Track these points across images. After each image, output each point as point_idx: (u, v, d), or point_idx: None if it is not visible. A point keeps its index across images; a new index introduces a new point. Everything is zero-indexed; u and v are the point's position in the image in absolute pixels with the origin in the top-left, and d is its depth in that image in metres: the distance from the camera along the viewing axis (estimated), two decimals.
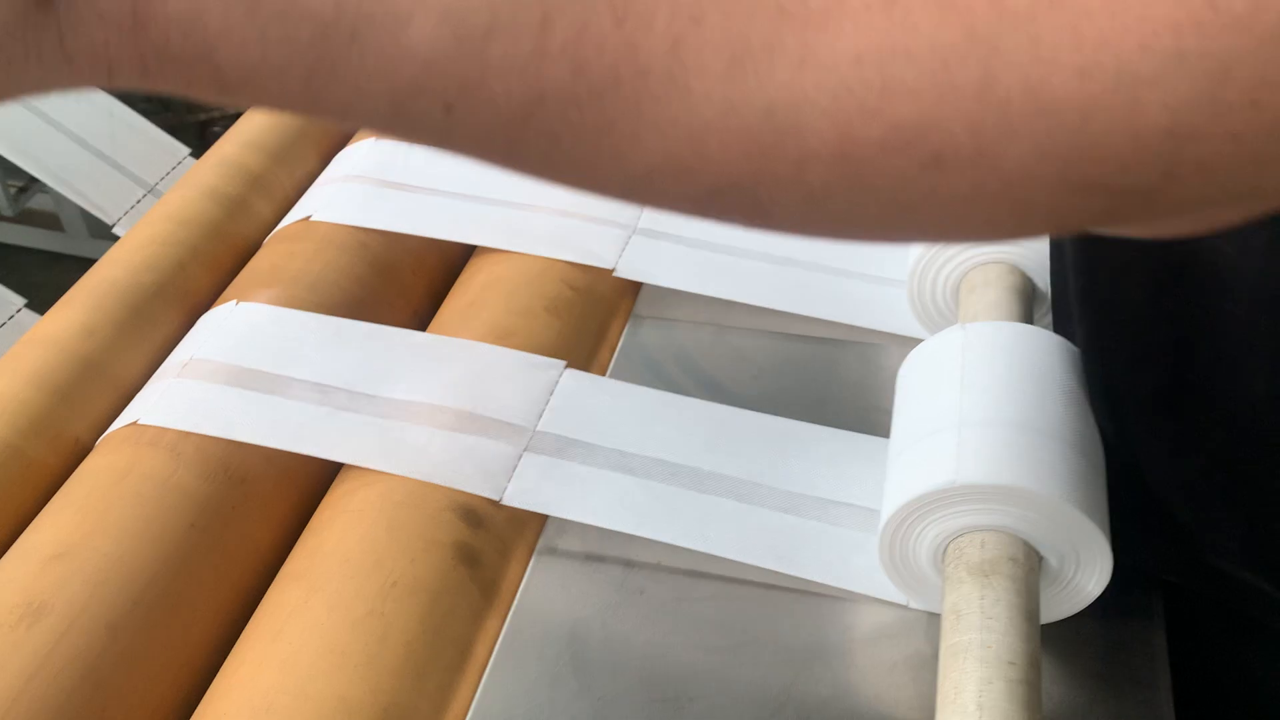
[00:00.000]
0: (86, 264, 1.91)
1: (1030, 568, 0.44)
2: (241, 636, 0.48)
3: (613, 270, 0.64)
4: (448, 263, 0.69)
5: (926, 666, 0.47)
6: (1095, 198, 0.21)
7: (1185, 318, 0.44)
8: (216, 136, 1.67)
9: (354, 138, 0.76)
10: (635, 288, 0.66)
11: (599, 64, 0.21)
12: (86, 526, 0.51)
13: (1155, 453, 0.47)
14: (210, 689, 0.47)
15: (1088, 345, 0.50)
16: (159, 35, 0.22)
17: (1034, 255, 0.57)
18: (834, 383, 0.60)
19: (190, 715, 0.46)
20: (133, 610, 0.48)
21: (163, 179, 0.78)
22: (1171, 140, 0.20)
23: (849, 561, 0.50)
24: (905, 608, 0.49)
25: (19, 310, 0.68)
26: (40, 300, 0.71)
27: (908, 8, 0.20)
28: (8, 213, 1.61)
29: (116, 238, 0.75)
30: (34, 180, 1.01)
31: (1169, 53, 0.19)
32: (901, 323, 0.62)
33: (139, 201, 0.76)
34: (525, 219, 0.67)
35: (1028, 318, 0.56)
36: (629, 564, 0.51)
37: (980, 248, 0.58)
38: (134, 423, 0.56)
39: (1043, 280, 0.58)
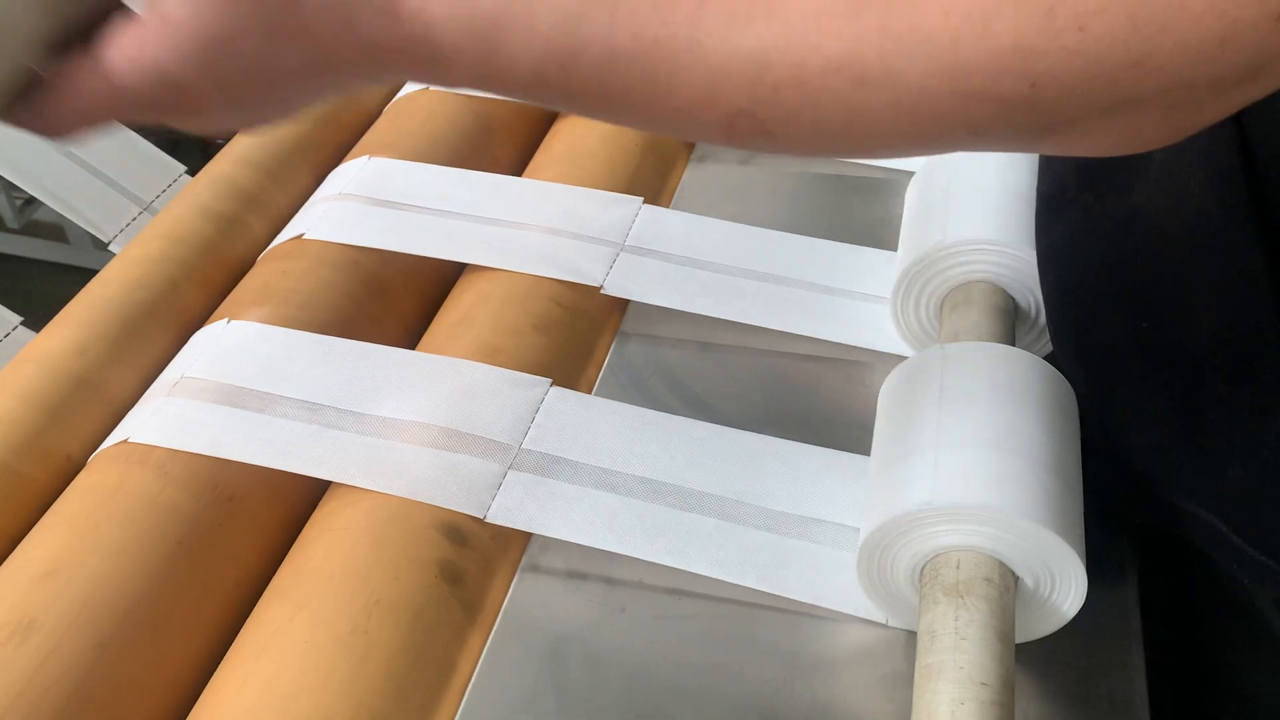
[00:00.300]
0: (90, 275, 1.92)
1: (1005, 588, 0.44)
2: (227, 654, 0.49)
3: (600, 288, 0.65)
4: (439, 280, 0.69)
5: (904, 685, 0.47)
6: (985, 104, 0.30)
7: (1135, 266, 0.48)
8: (218, 149, 1.67)
9: (347, 156, 0.76)
10: (623, 305, 0.66)
11: (647, 33, 0.33)
12: (76, 544, 0.52)
13: (1120, 397, 0.50)
14: (196, 706, 0.47)
15: (1057, 298, 0.53)
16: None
17: (1019, 274, 0.58)
18: (818, 400, 0.60)
19: None
20: (120, 628, 0.49)
21: (158, 196, 0.79)
22: (1020, 55, 0.29)
23: (830, 580, 0.51)
24: (885, 626, 0.50)
25: (15, 328, 0.69)
26: (46, 311, 0.72)
27: None
28: (13, 224, 1.63)
29: (114, 252, 0.76)
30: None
31: None
32: (886, 340, 0.62)
33: (134, 219, 0.77)
34: (515, 237, 0.68)
35: (1009, 338, 0.56)
36: (611, 581, 0.52)
37: (964, 266, 0.58)
38: (124, 440, 0.56)
39: (1025, 300, 0.58)
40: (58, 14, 0.39)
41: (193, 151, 1.71)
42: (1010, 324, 0.57)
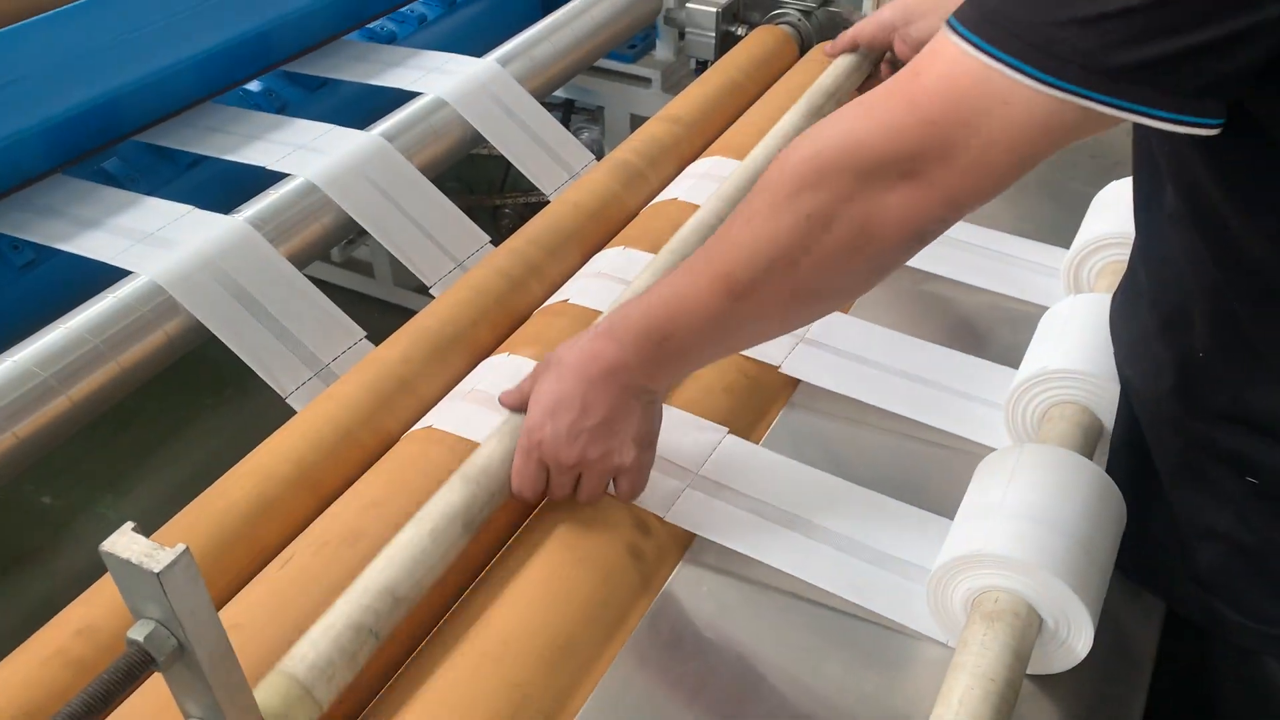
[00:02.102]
0: (387, 305, 2.26)
1: (1029, 623, 0.60)
2: (483, 576, 0.71)
3: (779, 367, 0.85)
4: None
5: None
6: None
7: (1139, 239, 0.67)
8: (505, 216, 1.98)
9: (608, 244, 1.00)
10: (795, 383, 0.86)
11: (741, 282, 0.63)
12: (390, 488, 0.76)
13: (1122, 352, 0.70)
14: (459, 604, 0.70)
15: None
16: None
17: (1107, 399, 0.73)
18: (930, 476, 0.78)
19: (442, 620, 0.69)
20: None
21: (470, 257, 1.05)
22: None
23: (908, 604, 0.68)
24: (941, 645, 0.66)
25: (359, 340, 0.96)
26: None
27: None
28: (337, 260, 1.99)
29: (419, 287, 1.02)
30: (361, 234, 1.27)
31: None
32: (997, 438, 0.79)
33: (450, 272, 1.03)
34: None
35: (1086, 449, 0.71)
36: (747, 580, 0.71)
37: (1060, 390, 0.74)
38: (429, 427, 0.81)
39: (1110, 421, 0.73)
40: None
41: (485, 215, 2.04)
42: (1093, 440, 0.73)
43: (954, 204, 0.56)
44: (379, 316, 2.16)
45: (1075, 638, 0.61)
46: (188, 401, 1.99)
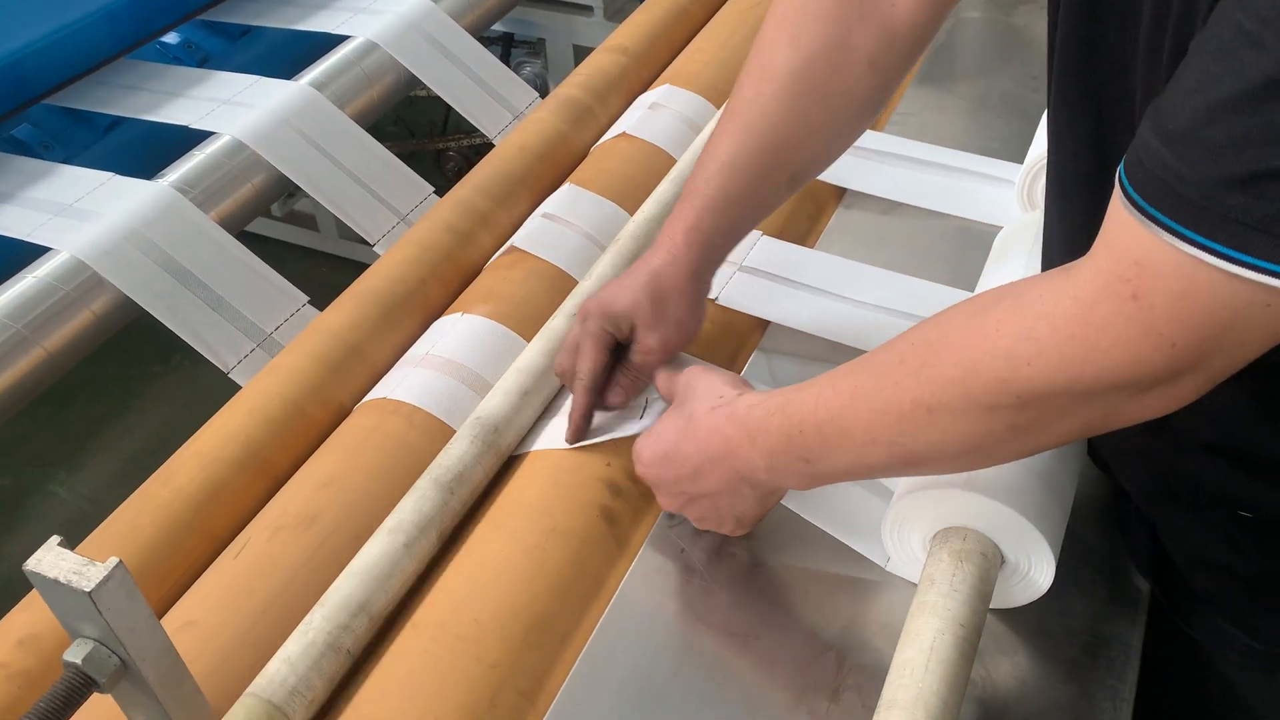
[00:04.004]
0: (334, 259, 2.21)
1: (994, 564, 0.58)
2: (444, 553, 0.68)
3: (715, 299, 0.81)
4: None
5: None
6: (993, 413, 0.50)
7: None
8: (450, 160, 1.92)
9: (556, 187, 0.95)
10: (764, 325, 0.82)
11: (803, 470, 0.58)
12: (345, 466, 0.72)
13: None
14: (423, 586, 0.66)
15: None
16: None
17: None
18: None
19: (409, 603, 0.65)
20: (374, 524, 0.68)
21: (413, 210, 1.00)
22: (1000, 383, 0.48)
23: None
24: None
25: (303, 306, 0.91)
26: (298, 285, 0.92)
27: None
28: (278, 214, 1.92)
29: (360, 240, 0.97)
30: (299, 188, 1.22)
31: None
32: None
33: (394, 227, 0.98)
34: None
35: None
36: (724, 536, 0.68)
37: None
38: (383, 397, 0.76)
39: None
40: None
41: (428, 160, 1.97)
42: None
43: (1201, 393, 0.47)
44: (326, 271, 2.12)
45: (1037, 573, 0.59)
46: (135, 371, 1.93)
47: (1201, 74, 0.39)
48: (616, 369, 0.72)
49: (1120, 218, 0.43)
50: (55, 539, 0.46)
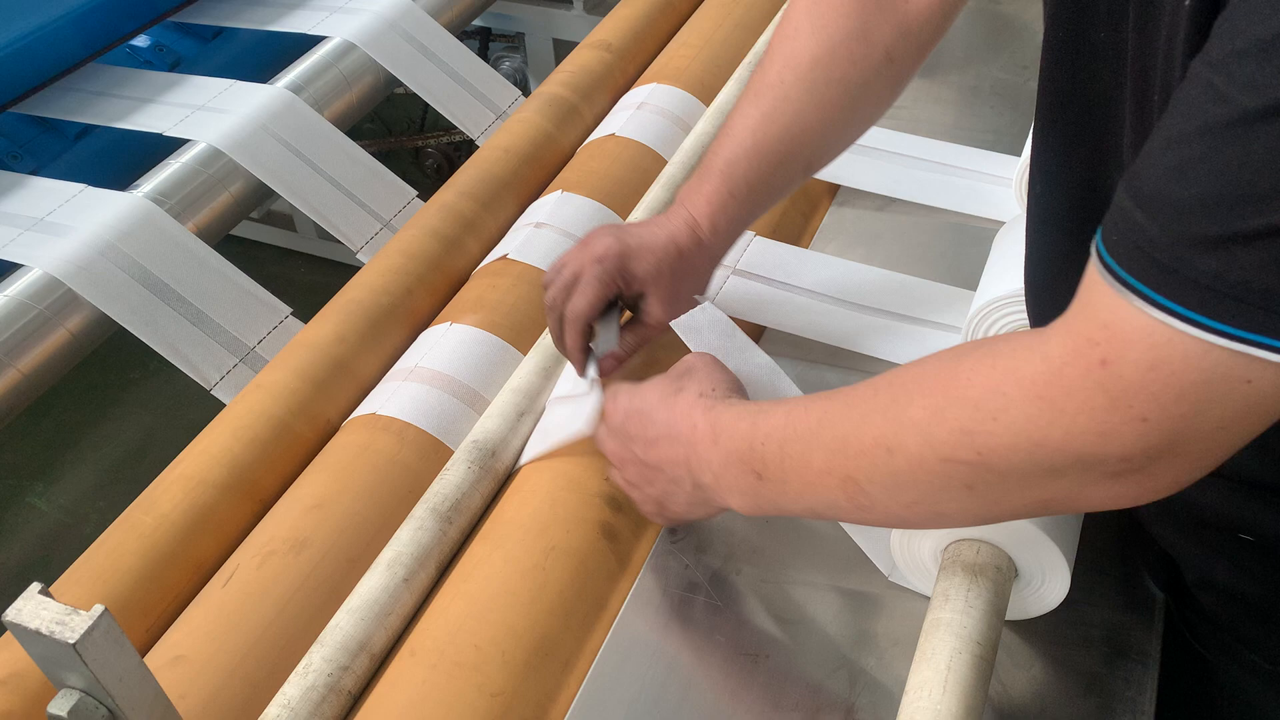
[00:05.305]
0: (313, 260, 2.18)
1: (1008, 577, 0.57)
2: (442, 576, 0.66)
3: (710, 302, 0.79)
4: None
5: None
6: (953, 466, 0.46)
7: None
8: (429, 157, 1.89)
9: (545, 190, 0.93)
10: (760, 330, 0.81)
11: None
12: (335, 486, 0.70)
13: None
14: (420, 611, 0.64)
15: None
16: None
17: None
18: None
19: (406, 629, 0.63)
20: (367, 549, 0.66)
21: (396, 215, 0.97)
22: (964, 434, 0.45)
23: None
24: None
25: (286, 317, 0.88)
26: (273, 289, 0.90)
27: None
28: (254, 215, 1.89)
29: (337, 240, 0.95)
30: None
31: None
32: None
33: (377, 234, 0.96)
34: None
35: None
36: (731, 548, 0.66)
37: (1019, 314, 0.70)
38: (372, 413, 0.74)
39: None
40: None
41: (406, 157, 1.94)
42: None
43: (1179, 484, 0.44)
44: (305, 272, 2.08)
45: (1051, 584, 0.58)
46: (112, 378, 1.89)
47: (1171, 132, 0.37)
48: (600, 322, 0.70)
49: (1093, 278, 0.41)
50: (36, 586, 0.44)
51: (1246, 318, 0.36)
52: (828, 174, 0.92)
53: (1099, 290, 0.40)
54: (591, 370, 0.70)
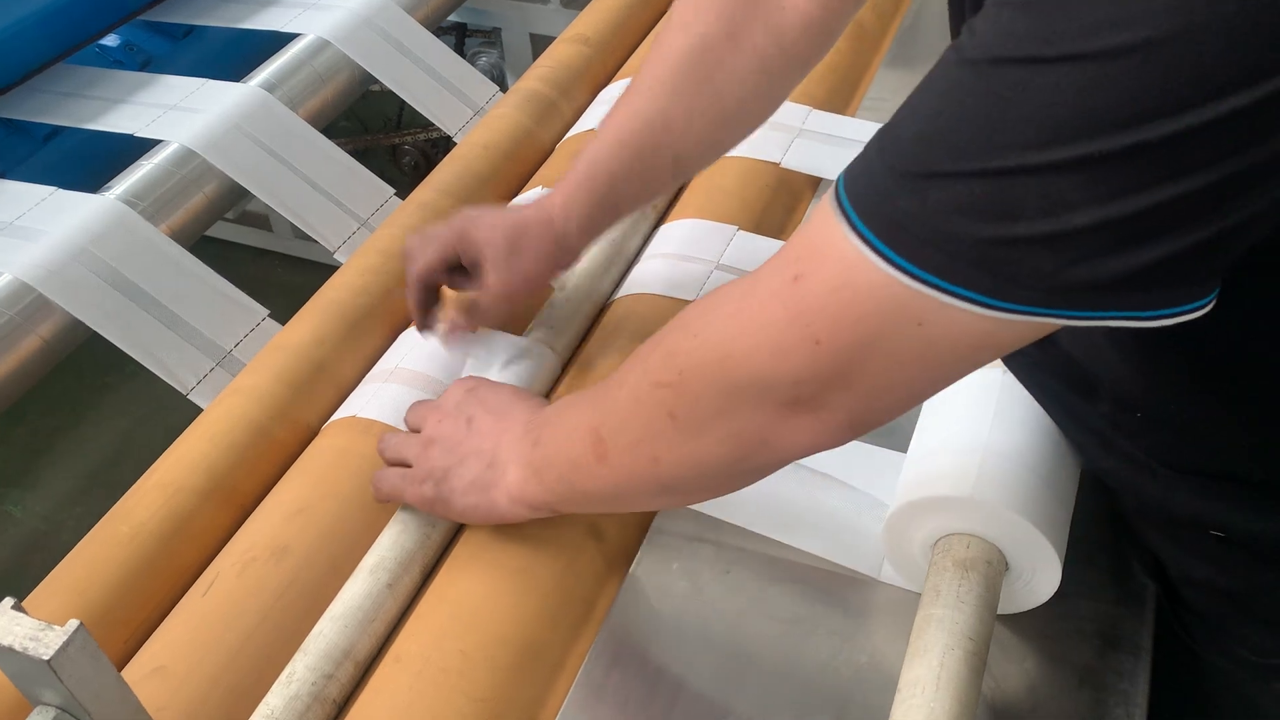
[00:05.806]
0: (290, 260, 2.15)
1: (999, 571, 0.56)
2: (427, 581, 0.65)
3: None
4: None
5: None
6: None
7: None
8: (406, 154, 1.88)
9: (525, 187, 0.92)
10: None
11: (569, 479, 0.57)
12: (316, 491, 0.68)
13: None
14: (404, 616, 0.63)
15: None
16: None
17: None
18: None
19: (390, 635, 0.62)
20: (350, 555, 0.65)
21: (374, 214, 0.96)
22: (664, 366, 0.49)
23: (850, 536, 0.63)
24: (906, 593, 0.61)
25: (263, 319, 0.87)
26: (249, 291, 0.89)
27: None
28: (230, 215, 1.86)
29: (311, 239, 0.93)
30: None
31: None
32: None
33: (354, 233, 0.94)
34: (644, 265, 0.82)
35: None
36: (720, 546, 0.65)
37: None
38: (352, 416, 0.73)
39: None
40: None
41: (383, 155, 1.93)
42: None
43: (857, 427, 0.45)
44: (282, 272, 2.06)
45: (1042, 577, 0.57)
46: (88, 381, 1.86)
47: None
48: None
49: (824, 202, 0.42)
50: (9, 601, 0.43)
51: (925, 258, 0.38)
52: (809, 166, 0.91)
53: (821, 212, 0.42)
54: (438, 331, 0.74)
